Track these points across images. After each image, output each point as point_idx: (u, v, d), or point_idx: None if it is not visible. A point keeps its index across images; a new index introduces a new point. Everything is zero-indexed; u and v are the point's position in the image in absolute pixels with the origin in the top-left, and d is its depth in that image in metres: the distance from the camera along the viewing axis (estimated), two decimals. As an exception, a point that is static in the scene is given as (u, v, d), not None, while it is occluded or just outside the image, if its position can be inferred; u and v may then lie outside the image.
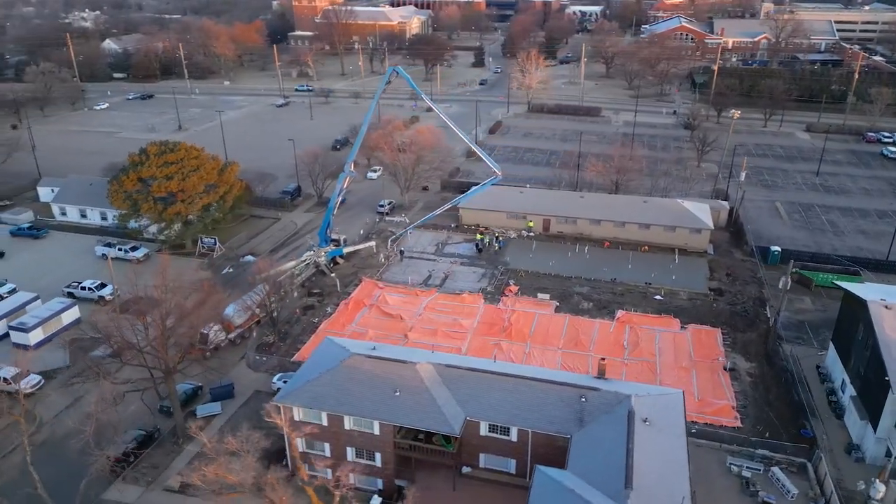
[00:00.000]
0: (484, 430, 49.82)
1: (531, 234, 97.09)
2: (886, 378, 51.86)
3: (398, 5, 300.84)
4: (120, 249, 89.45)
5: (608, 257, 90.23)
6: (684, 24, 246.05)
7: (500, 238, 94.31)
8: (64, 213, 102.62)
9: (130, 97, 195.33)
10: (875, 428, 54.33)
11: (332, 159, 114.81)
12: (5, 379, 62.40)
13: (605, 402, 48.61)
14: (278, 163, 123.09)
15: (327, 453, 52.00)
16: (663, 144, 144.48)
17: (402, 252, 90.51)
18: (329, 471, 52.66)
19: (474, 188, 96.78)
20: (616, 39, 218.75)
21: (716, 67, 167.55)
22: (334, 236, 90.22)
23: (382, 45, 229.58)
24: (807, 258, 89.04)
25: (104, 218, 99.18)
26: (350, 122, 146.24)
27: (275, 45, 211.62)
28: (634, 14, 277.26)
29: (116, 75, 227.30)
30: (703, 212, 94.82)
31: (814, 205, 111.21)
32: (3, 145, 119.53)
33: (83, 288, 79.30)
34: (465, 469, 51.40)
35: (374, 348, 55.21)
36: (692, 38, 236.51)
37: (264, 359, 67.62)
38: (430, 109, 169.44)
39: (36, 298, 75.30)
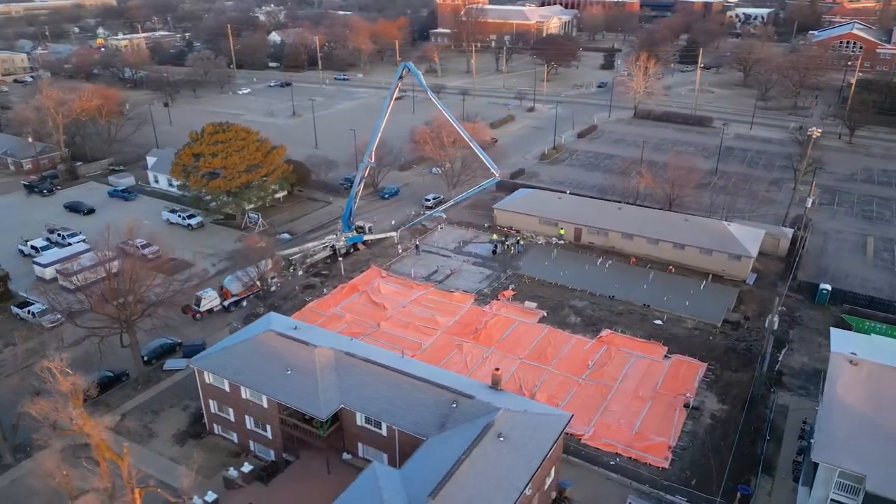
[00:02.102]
0: (360, 420, 50.67)
1: (561, 241, 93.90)
2: (812, 440, 44.86)
3: (546, 4, 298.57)
4: (179, 216, 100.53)
5: (627, 274, 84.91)
6: (856, 31, 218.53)
7: (520, 242, 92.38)
8: (157, 181, 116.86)
9: (272, 84, 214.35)
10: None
11: (400, 152, 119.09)
12: (32, 313, 73.72)
13: (473, 411, 47.27)
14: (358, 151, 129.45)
15: (231, 418, 55.77)
16: (767, 162, 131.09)
17: (417, 246, 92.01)
18: (234, 434, 56.85)
19: (472, 189, 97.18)
20: (761, 45, 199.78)
21: (853, 80, 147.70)
22: (359, 223, 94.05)
23: (506, 45, 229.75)
24: (863, 302, 77.37)
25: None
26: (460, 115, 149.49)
27: (396, 42, 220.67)
28: (800, 19, 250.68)
29: (271, 64, 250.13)
30: (750, 237, 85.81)
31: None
32: (132, 119, 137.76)
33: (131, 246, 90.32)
34: (346, 456, 52.57)
35: (296, 328, 57.94)
36: (860, 47, 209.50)
37: (240, 328, 72.98)
38: (531, 109, 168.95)
39: (89, 250, 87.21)
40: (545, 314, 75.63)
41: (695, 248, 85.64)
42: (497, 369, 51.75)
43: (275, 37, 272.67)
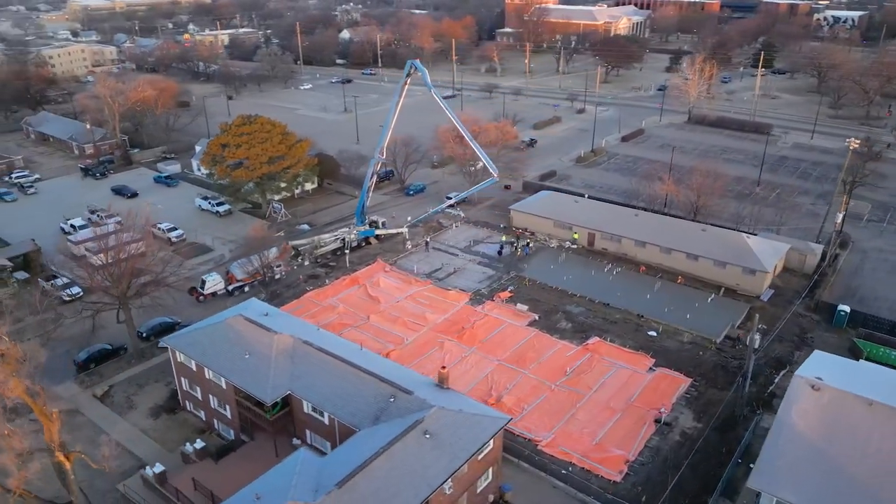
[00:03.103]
0: (307, 408, 51.82)
1: (574, 246, 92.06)
2: (751, 465, 42.39)
3: (620, 5, 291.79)
4: (210, 203, 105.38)
5: (634, 282, 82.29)
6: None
7: (529, 244, 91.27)
8: (199, 169, 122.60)
9: (334, 81, 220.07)
10: (756, 526, 44.59)
11: (428, 150, 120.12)
12: (54, 285, 79.45)
13: (408, 407, 47.45)
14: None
15: (199, 396, 58.28)
16: (821, 174, 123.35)
17: (427, 243, 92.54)
18: (203, 412, 59.39)
19: (471, 189, 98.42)
20: (839, 49, 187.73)
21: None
22: (373, 218, 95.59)
23: (564, 45, 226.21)
24: (884, 327, 71.77)
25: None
26: (492, 115, 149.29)
27: (453, 41, 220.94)
28: (893, 22, 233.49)
29: (339, 61, 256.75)
30: (770, 252, 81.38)
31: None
32: (190, 110, 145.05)
33: (159, 228, 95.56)
34: (295, 441, 53.84)
35: (267, 314, 59.84)
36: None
37: (236, 311, 75.81)
38: (581, 111, 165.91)
39: (119, 231, 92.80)
40: (537, 318, 74.48)
41: (708, 260, 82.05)
42: (444, 367, 51.72)
43: (345, 34, 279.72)
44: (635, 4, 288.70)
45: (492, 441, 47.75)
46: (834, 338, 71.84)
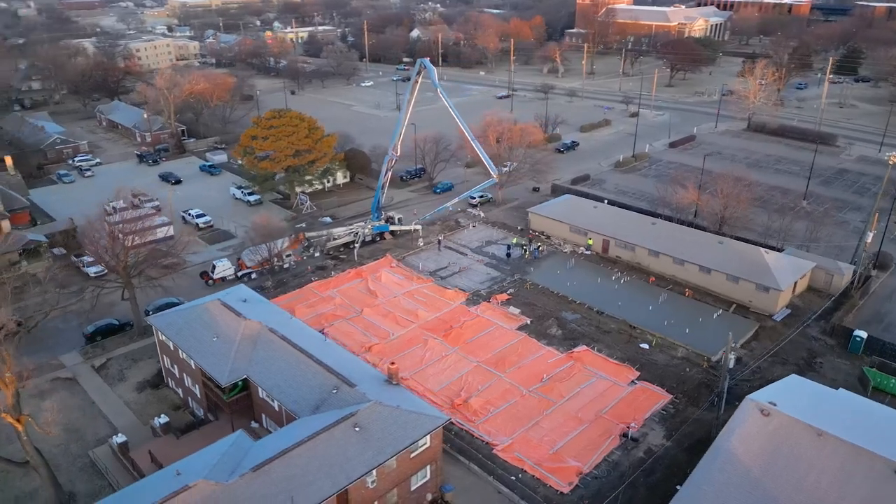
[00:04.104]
0: (262, 393, 53.37)
1: (588, 252, 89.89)
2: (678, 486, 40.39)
3: (703, 5, 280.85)
4: (242, 193, 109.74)
5: (639, 292, 79.47)
6: None
7: (539, 248, 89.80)
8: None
9: (395, 79, 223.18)
10: (689, 554, 42.38)
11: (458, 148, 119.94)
12: (83, 262, 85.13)
13: (348, 399, 48.07)
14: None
15: (177, 374, 61.09)
16: (879, 189, 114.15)
17: (440, 241, 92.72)
18: (180, 389, 62.21)
19: (470, 190, 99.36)
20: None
21: None
22: (390, 214, 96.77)
23: (627, 47, 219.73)
24: (904, 356, 66.30)
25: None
26: (534, 117, 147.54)
27: (512, 40, 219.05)
28: None
29: (406, 59, 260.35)
30: (789, 269, 76.67)
31: None
32: (248, 104, 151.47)
33: (189, 214, 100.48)
34: (253, 424, 55.54)
35: (245, 300, 62.01)
36: None
37: (239, 296, 78.71)
38: (634, 115, 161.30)
39: (152, 215, 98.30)
40: (528, 322, 73.32)
41: (721, 274, 78.19)
42: (393, 363, 51.93)
43: (415, 33, 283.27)
44: (717, 6, 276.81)
45: (429, 439, 47.73)
46: (846, 364, 66.97)
